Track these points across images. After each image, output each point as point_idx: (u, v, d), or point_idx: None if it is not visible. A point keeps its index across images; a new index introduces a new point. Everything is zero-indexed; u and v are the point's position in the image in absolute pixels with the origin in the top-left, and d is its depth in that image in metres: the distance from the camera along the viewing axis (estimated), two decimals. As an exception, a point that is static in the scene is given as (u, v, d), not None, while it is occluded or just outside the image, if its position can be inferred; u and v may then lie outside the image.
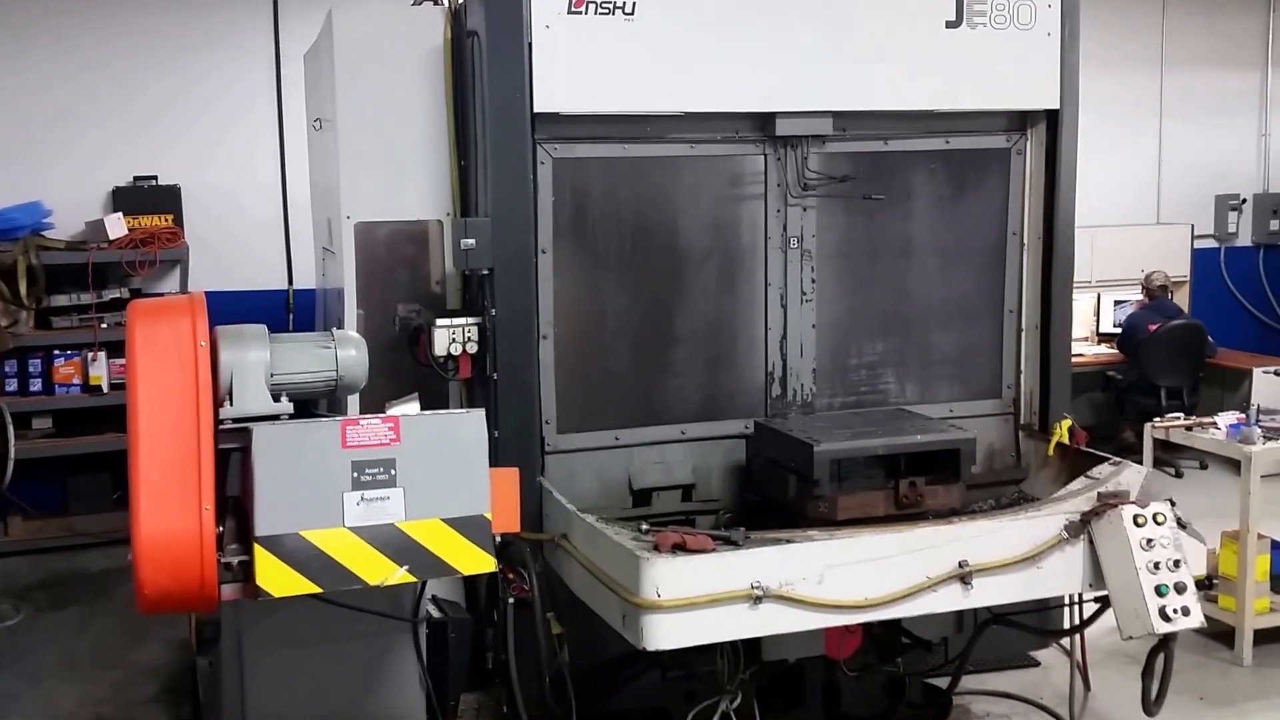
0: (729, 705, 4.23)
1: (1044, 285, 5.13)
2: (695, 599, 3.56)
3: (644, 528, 4.03)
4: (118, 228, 7.43)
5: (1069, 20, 4.92)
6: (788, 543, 3.83)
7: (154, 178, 7.78)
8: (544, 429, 4.61)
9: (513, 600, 4.06)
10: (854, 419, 4.72)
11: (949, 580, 3.81)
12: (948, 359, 5.15)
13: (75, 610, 6.49)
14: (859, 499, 4.27)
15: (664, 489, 4.74)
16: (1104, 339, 9.41)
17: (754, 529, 4.03)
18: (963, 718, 5.05)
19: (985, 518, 4.25)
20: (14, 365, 7.31)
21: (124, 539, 3.25)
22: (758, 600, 3.61)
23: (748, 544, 3.82)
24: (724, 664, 4.19)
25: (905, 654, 4.70)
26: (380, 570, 3.36)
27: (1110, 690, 5.20)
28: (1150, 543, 3.87)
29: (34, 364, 7.34)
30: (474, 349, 4.55)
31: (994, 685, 5.27)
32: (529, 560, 4.06)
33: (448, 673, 4.01)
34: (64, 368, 7.37)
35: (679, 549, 3.69)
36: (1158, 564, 3.85)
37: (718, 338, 4.86)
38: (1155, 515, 3.91)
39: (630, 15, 4.46)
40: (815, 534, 3.99)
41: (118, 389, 7.15)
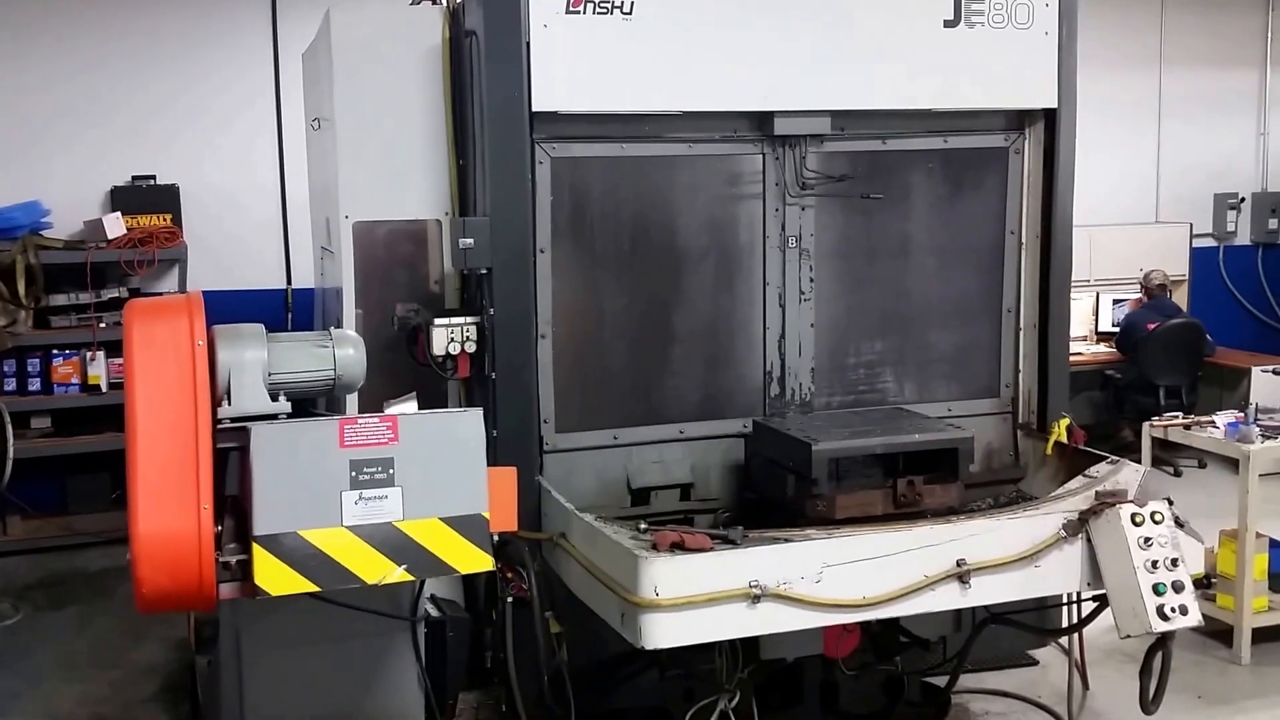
0: (727, 704, 4.23)
1: (1042, 284, 5.14)
2: (693, 598, 3.57)
3: (642, 527, 4.02)
4: (116, 227, 7.43)
5: (1067, 19, 4.93)
6: (786, 542, 3.83)
7: (152, 177, 7.79)
8: (542, 428, 4.61)
9: (511, 599, 4.07)
10: (852, 418, 4.72)
11: (947, 579, 3.82)
12: (946, 358, 5.15)
13: (74, 610, 6.49)
14: (857, 498, 4.27)
15: (662, 488, 4.74)
16: (1103, 338, 9.42)
17: (752, 528, 4.02)
18: (961, 716, 5.06)
19: (983, 517, 4.24)
20: (12, 365, 7.31)
21: (123, 538, 3.25)
22: (756, 599, 3.61)
23: (746, 543, 3.82)
24: (722, 663, 4.19)
25: (903, 653, 4.71)
26: (378, 569, 3.36)
27: (1108, 689, 5.21)
28: (1148, 541, 3.87)
29: (33, 363, 7.35)
30: (472, 348, 4.55)
31: (992, 684, 5.27)
32: (527, 559, 4.06)
33: (446, 672, 4.02)
34: (62, 367, 7.37)
35: (677, 548, 3.69)
36: (1155, 563, 3.85)
37: (716, 337, 4.86)
38: (1153, 514, 3.92)
39: (628, 15, 4.46)
40: (813, 533, 3.99)
41: (116, 388, 7.15)
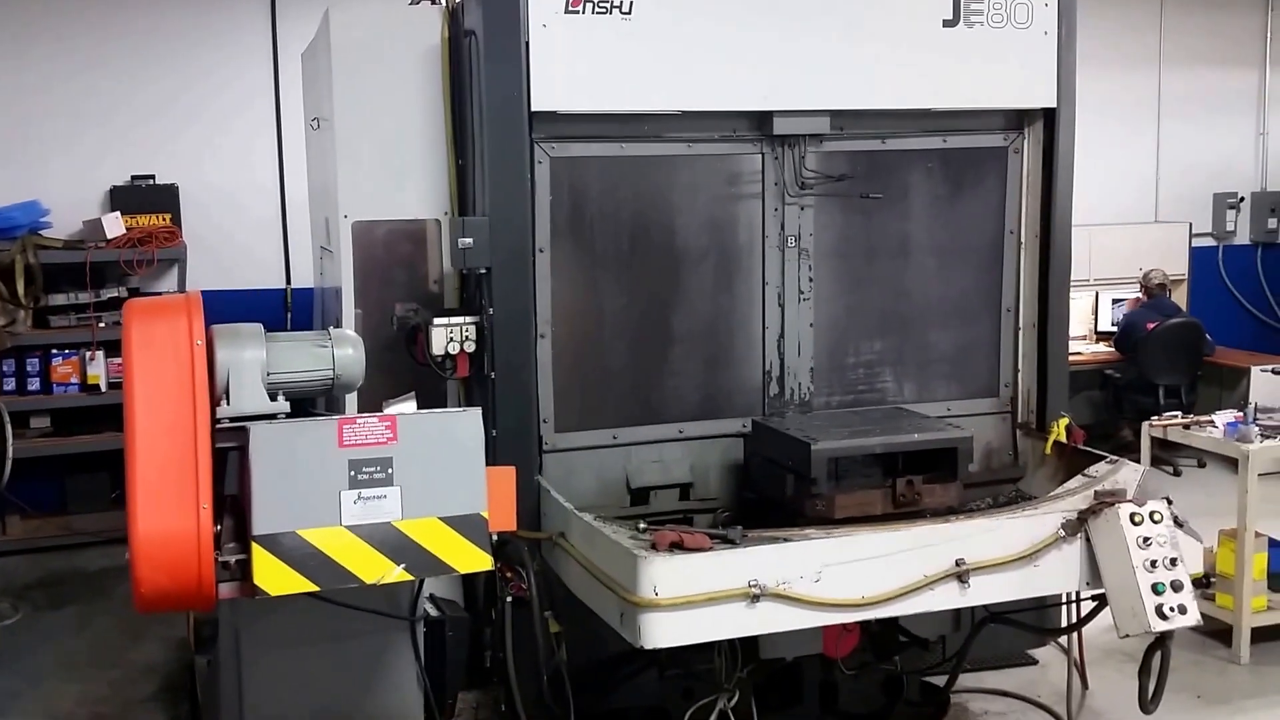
0: (726, 703, 4.22)
1: (1041, 284, 5.14)
2: (692, 597, 3.57)
3: (641, 526, 4.02)
4: (115, 227, 7.43)
5: (1066, 19, 4.93)
6: (785, 541, 3.83)
7: (151, 177, 7.79)
8: (542, 428, 4.61)
9: (511, 599, 4.06)
10: (851, 418, 4.72)
11: (946, 579, 3.82)
12: (945, 358, 5.15)
13: (74, 609, 6.49)
14: (856, 497, 4.27)
15: (662, 488, 4.74)
16: (1102, 337, 9.42)
17: (751, 528, 4.02)
18: (960, 716, 5.06)
19: (982, 516, 4.24)
20: (12, 364, 7.31)
21: (122, 538, 3.25)
22: (755, 599, 3.61)
23: (745, 542, 3.81)
24: (721, 662, 4.19)
25: (903, 652, 4.71)
26: (377, 569, 3.36)
27: (1108, 688, 5.21)
28: (1147, 541, 3.87)
29: (32, 363, 7.35)
30: (472, 348, 4.55)
31: (991, 683, 5.27)
32: (527, 559, 4.06)
33: (445, 671, 4.01)
34: (62, 367, 7.37)
35: (676, 548, 3.69)
36: (1154, 562, 3.85)
37: (715, 337, 4.86)
38: (1152, 514, 3.92)
39: (627, 14, 4.46)
40: (813, 532, 3.99)
41: (116, 388, 7.14)
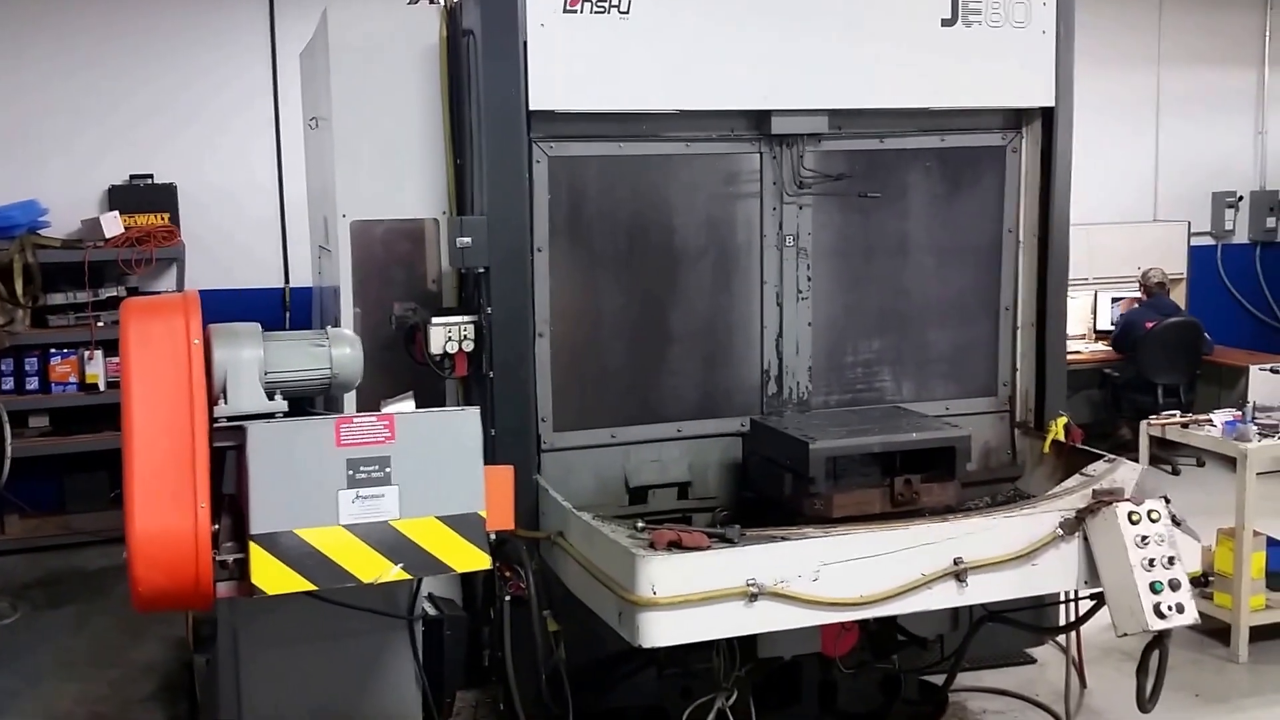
0: (725, 703, 4.22)
1: (1039, 283, 5.13)
2: (691, 596, 3.57)
3: (640, 525, 4.02)
4: (114, 226, 7.43)
5: (1064, 18, 4.92)
6: (783, 540, 3.83)
7: (150, 176, 7.78)
8: (540, 427, 4.60)
9: (509, 598, 4.06)
10: (850, 417, 4.73)
11: (944, 577, 3.82)
12: (943, 357, 5.15)
13: (73, 609, 6.49)
14: (854, 496, 4.27)
15: (660, 487, 4.74)
16: (1101, 336, 9.42)
17: (750, 526, 4.03)
18: (959, 715, 5.06)
19: (980, 515, 4.24)
20: (10, 364, 7.31)
21: (121, 537, 3.26)
22: (753, 598, 3.61)
23: (743, 541, 3.81)
24: (720, 661, 4.19)
25: (901, 651, 4.71)
26: (375, 568, 3.36)
27: (1106, 687, 5.22)
28: (1145, 540, 3.87)
29: (30, 362, 7.35)
30: (470, 347, 4.55)
31: (990, 682, 5.28)
32: (525, 558, 4.06)
33: (444, 670, 4.02)
34: (60, 366, 7.38)
35: (675, 546, 3.68)
36: (1152, 561, 3.85)
37: (714, 336, 4.86)
38: (1150, 512, 3.92)
39: (625, 14, 4.45)
40: (811, 531, 3.99)
41: (114, 387, 7.14)
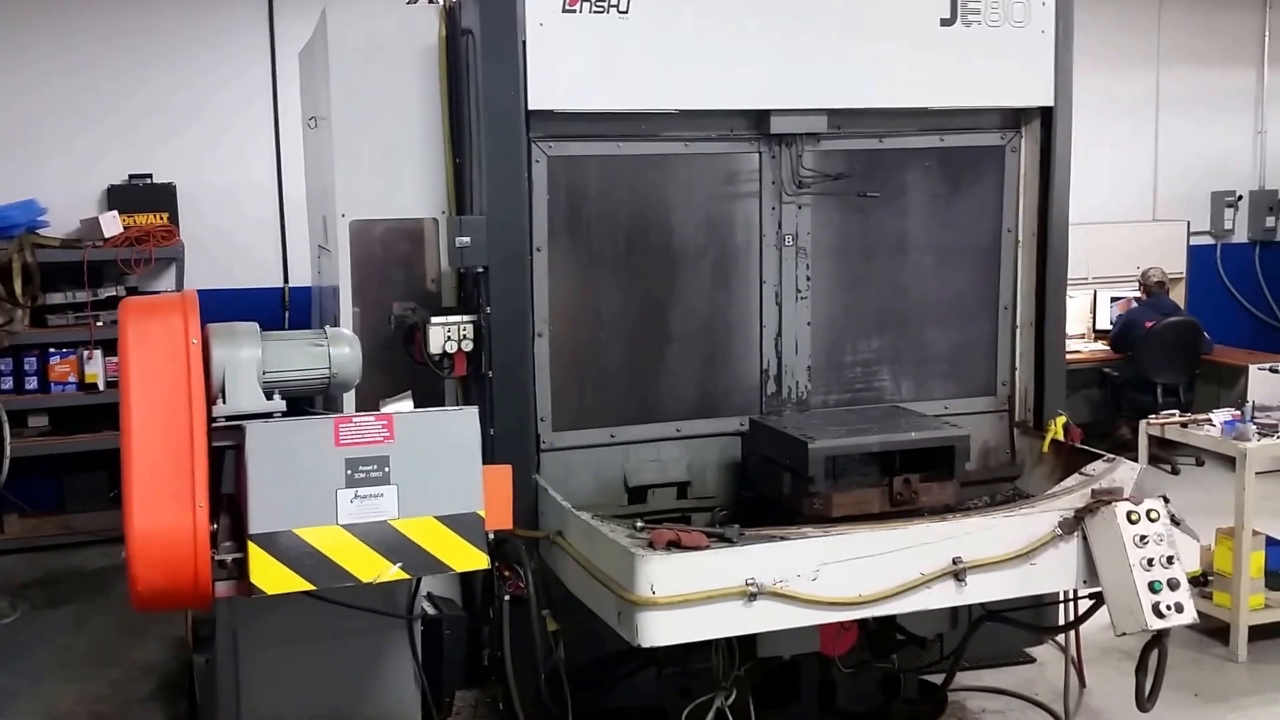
0: (724, 702, 4.21)
1: (1038, 282, 5.13)
2: (690, 596, 3.57)
3: (639, 525, 4.02)
4: (113, 226, 7.43)
5: (1063, 18, 4.92)
6: (782, 540, 3.83)
7: (149, 176, 7.79)
8: (539, 426, 4.60)
9: (508, 597, 4.06)
10: (849, 416, 4.73)
11: (943, 577, 3.81)
12: (942, 356, 5.15)
13: (72, 608, 6.49)
14: (854, 496, 4.27)
15: (659, 486, 4.74)
16: (1100, 336, 9.42)
17: (749, 526, 4.03)
18: (958, 714, 5.06)
19: (979, 514, 4.24)
20: (9, 363, 7.32)
21: (121, 537, 3.25)
22: (752, 597, 3.61)
23: (742, 541, 3.81)
24: (719, 661, 4.18)
25: (900, 650, 4.71)
26: (373, 568, 3.36)
27: (1105, 686, 5.22)
28: (1144, 539, 3.87)
29: (29, 362, 7.35)
30: (469, 347, 4.55)
31: (989, 682, 5.28)
32: (524, 557, 4.06)
33: (443, 670, 4.02)
34: (60, 366, 7.38)
35: (674, 546, 3.69)
36: (1151, 560, 3.85)
37: (713, 335, 4.86)
38: (1149, 512, 3.91)
39: (624, 13, 4.45)
40: (810, 531, 3.99)
41: (113, 387, 7.15)
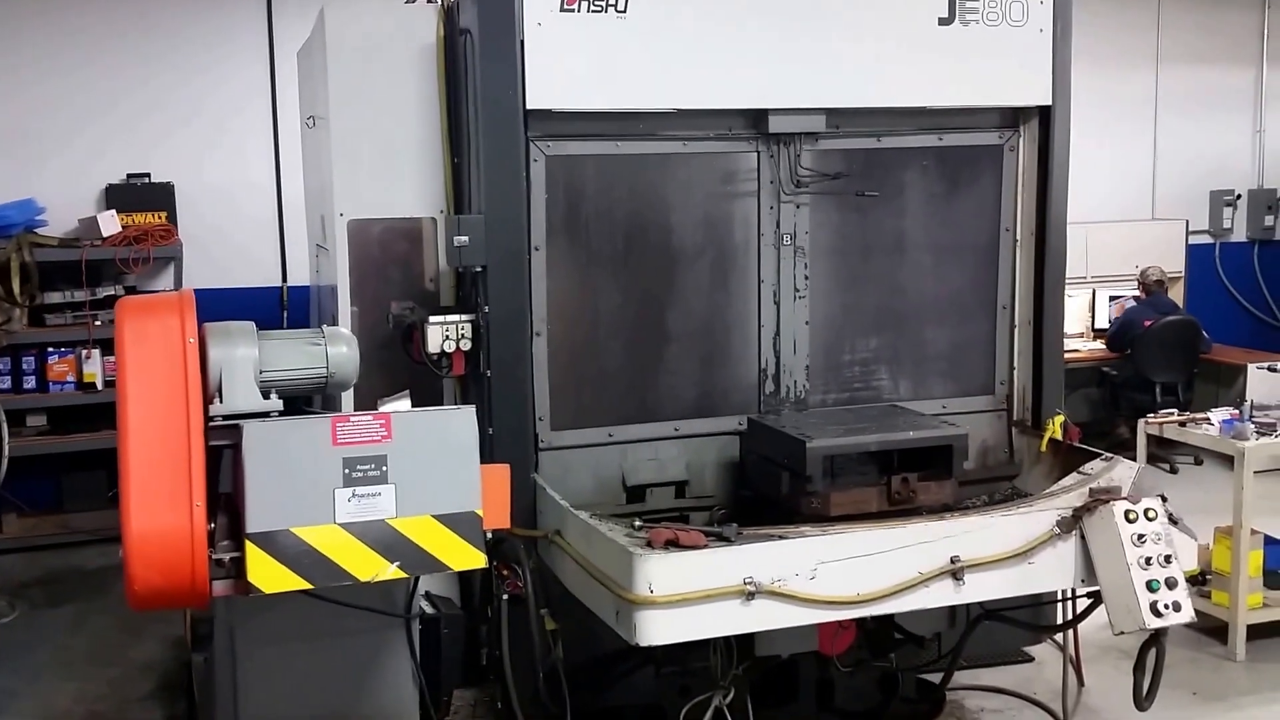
0: (722, 701, 4.21)
1: (1037, 281, 5.13)
2: (688, 595, 3.57)
3: (637, 524, 4.03)
4: (111, 225, 7.43)
5: (1061, 17, 4.92)
6: (780, 539, 3.84)
7: (147, 175, 7.78)
8: (538, 426, 4.61)
9: (507, 596, 4.06)
10: (847, 415, 4.73)
11: (941, 576, 3.82)
12: (941, 355, 5.15)
13: (71, 607, 6.49)
14: (852, 495, 4.27)
15: (657, 485, 4.74)
16: (1100, 335, 9.42)
17: (747, 525, 4.04)
18: (956, 713, 5.06)
19: (977, 513, 4.24)
20: (7, 363, 7.31)
21: (119, 536, 3.25)
22: (750, 596, 3.61)
23: (740, 540, 3.82)
24: (717, 660, 4.18)
25: (898, 649, 4.70)
26: (371, 566, 3.36)
27: (1104, 685, 5.23)
28: (1141, 538, 3.88)
29: (28, 361, 7.35)
30: (467, 346, 4.55)
31: (987, 680, 5.28)
32: (523, 557, 4.06)
33: (441, 669, 4.02)
34: (58, 365, 7.38)
35: (672, 545, 3.69)
36: (1149, 559, 3.85)
37: (711, 335, 4.86)
38: (1146, 511, 3.92)
39: (622, 13, 4.45)
40: (808, 530, 3.99)
41: (112, 386, 7.07)
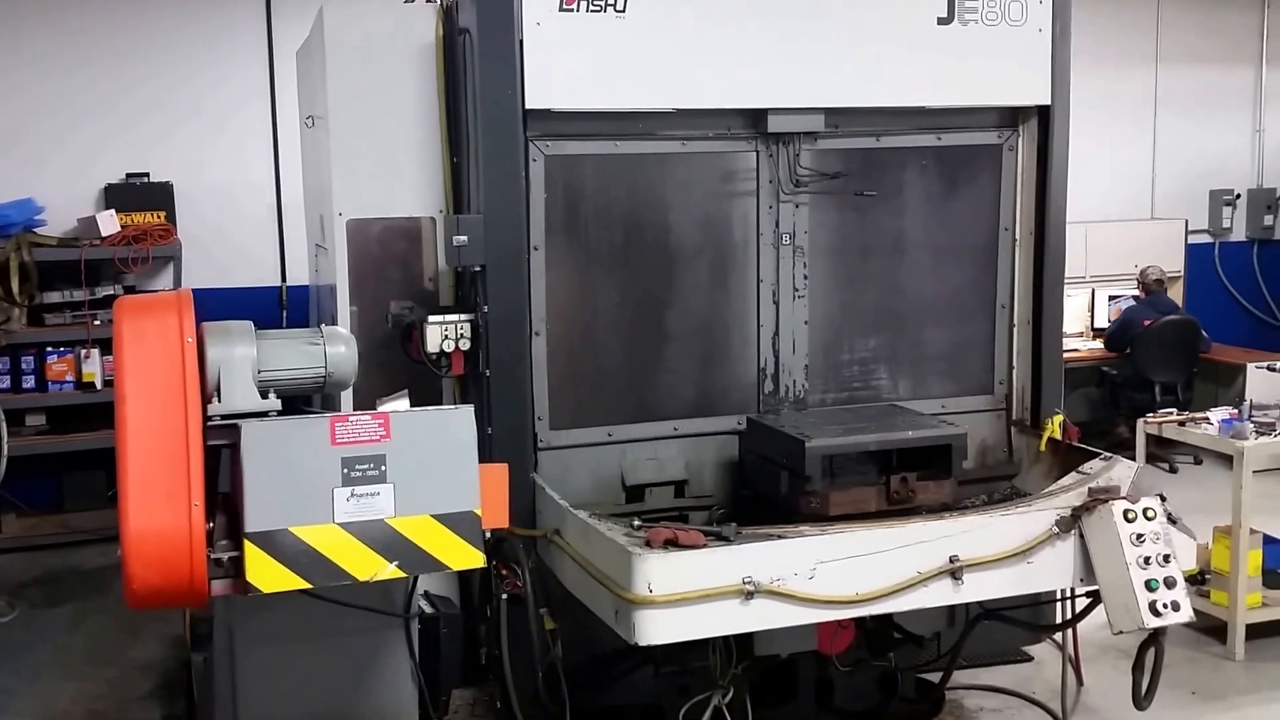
0: (721, 700, 4.21)
1: (1036, 281, 5.13)
2: (687, 594, 3.57)
3: (636, 524, 4.03)
4: (110, 224, 7.43)
5: (1060, 16, 4.92)
6: (779, 538, 3.84)
7: (146, 175, 7.78)
8: (537, 425, 4.61)
9: (506, 596, 4.06)
10: (846, 415, 4.73)
11: (940, 575, 3.82)
12: (940, 355, 5.15)
13: (70, 607, 6.49)
14: (851, 495, 4.28)
15: (657, 485, 4.74)
16: (1099, 334, 9.42)
17: (746, 525, 4.03)
18: (955, 712, 5.06)
19: (976, 513, 4.24)
20: (7, 362, 7.32)
21: (118, 535, 3.25)
22: (750, 595, 3.61)
23: (739, 540, 3.82)
24: (716, 659, 4.18)
25: (897, 649, 4.70)
26: (370, 566, 3.36)
27: (1103, 685, 5.23)
28: (1140, 538, 3.87)
29: (27, 361, 7.35)
30: (466, 346, 4.55)
31: (986, 680, 5.28)
32: (522, 556, 4.06)
33: (440, 668, 4.02)
34: (57, 364, 7.38)
35: (671, 545, 3.69)
36: (1148, 559, 3.85)
37: (710, 334, 4.86)
38: (1145, 510, 3.92)
39: (621, 12, 4.45)
40: (807, 529, 3.99)
41: (111, 385, 7.10)
